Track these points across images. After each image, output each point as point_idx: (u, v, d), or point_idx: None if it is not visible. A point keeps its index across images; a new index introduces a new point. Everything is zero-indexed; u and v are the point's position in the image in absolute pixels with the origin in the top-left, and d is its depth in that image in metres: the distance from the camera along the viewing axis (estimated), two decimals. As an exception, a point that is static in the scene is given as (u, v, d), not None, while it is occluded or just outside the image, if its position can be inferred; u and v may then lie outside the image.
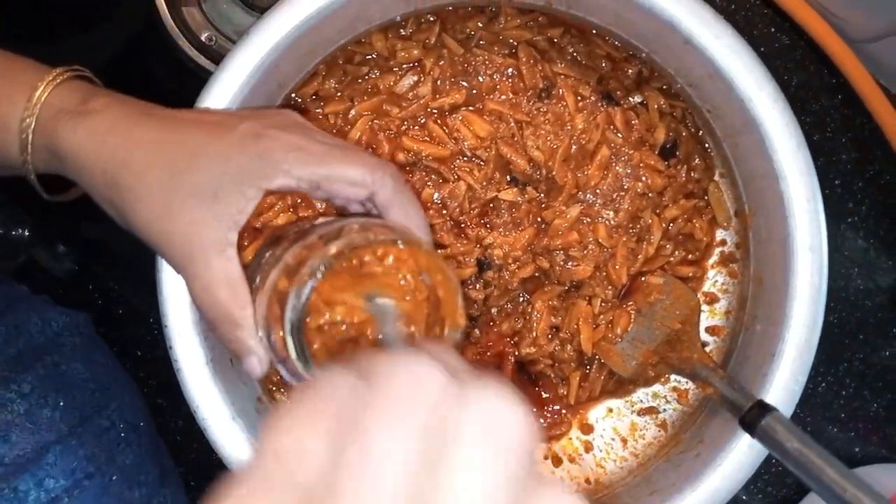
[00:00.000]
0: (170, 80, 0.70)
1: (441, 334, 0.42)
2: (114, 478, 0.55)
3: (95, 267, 0.69)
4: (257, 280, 0.44)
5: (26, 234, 0.68)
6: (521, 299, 0.64)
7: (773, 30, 0.69)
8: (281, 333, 0.41)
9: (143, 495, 0.57)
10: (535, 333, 0.63)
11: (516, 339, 0.64)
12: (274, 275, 0.42)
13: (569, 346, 0.63)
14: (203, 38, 0.66)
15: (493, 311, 0.64)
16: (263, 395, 0.60)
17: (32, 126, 0.44)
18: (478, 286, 0.63)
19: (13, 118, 0.44)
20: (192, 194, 0.42)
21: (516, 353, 0.65)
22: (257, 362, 0.45)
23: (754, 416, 0.51)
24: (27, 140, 0.44)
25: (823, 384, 0.70)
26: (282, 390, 0.62)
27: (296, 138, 0.44)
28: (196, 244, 0.43)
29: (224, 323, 0.44)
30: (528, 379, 0.66)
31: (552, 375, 0.65)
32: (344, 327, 0.41)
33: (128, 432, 0.58)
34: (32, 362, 0.54)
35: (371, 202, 0.46)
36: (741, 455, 0.55)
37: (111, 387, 0.59)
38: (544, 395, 0.65)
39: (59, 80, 0.45)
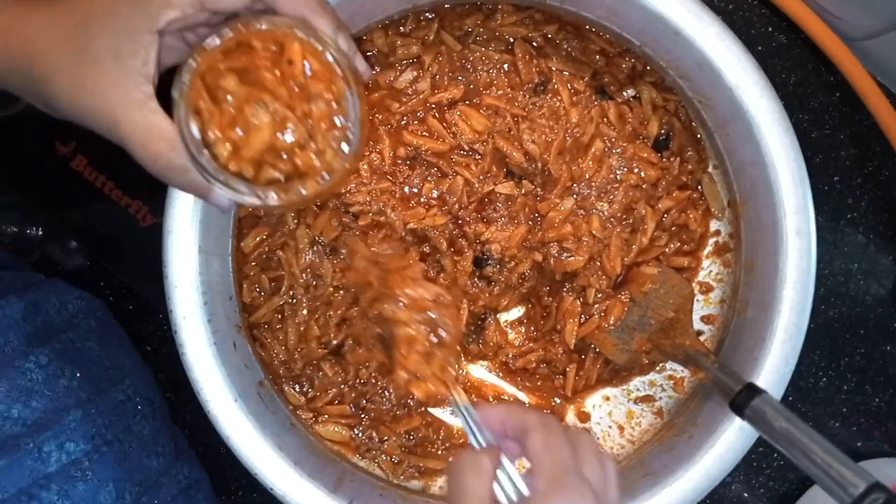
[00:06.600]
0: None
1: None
2: (132, 446, 0.57)
3: (106, 263, 0.70)
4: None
5: (40, 232, 0.70)
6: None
7: (770, 29, 0.69)
8: (207, 152, 0.43)
9: (160, 464, 0.59)
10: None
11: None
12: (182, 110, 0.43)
13: (557, 339, 0.64)
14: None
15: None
16: (266, 380, 0.61)
17: None
18: (479, 284, 0.64)
19: None
20: (96, 61, 0.43)
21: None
22: (221, 195, 0.45)
23: (744, 399, 0.52)
24: None
25: (825, 379, 0.70)
26: (291, 383, 0.63)
27: None
28: (117, 108, 0.43)
29: (171, 171, 0.44)
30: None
31: (548, 372, 0.66)
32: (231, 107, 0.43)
33: (144, 406, 0.59)
34: (49, 338, 0.56)
35: (260, 2, 0.45)
36: (732, 436, 0.55)
37: (125, 366, 0.61)
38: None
39: None
